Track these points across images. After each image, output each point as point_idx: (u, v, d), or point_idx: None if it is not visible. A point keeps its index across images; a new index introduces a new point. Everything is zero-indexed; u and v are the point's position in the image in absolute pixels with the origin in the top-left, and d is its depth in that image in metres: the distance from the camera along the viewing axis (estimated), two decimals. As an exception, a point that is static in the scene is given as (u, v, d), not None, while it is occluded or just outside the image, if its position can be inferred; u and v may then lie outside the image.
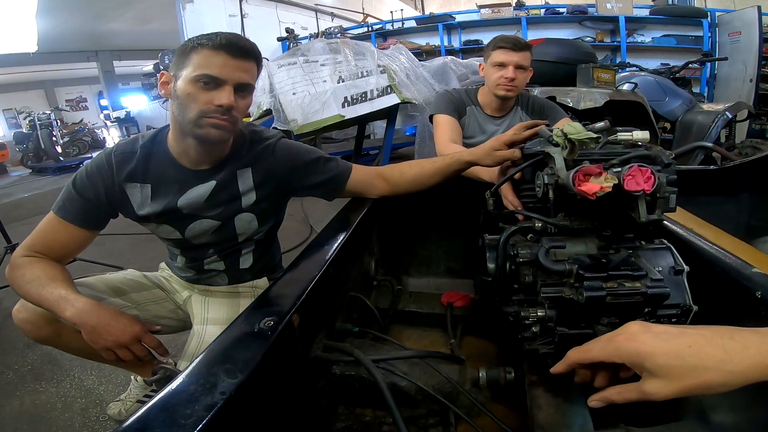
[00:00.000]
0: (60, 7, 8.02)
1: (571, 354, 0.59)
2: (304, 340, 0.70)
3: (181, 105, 0.97)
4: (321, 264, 0.81)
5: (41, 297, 0.97)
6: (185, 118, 0.98)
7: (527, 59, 1.75)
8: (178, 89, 0.97)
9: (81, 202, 1.07)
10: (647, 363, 0.47)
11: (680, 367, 0.45)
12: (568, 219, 0.76)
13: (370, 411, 0.94)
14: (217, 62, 0.94)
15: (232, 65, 0.96)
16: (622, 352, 0.50)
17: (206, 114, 0.96)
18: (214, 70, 0.94)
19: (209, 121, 0.97)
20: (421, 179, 1.20)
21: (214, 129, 0.98)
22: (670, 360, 0.45)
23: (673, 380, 0.45)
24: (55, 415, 1.60)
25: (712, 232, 0.92)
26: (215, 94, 0.95)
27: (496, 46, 1.75)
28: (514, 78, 1.72)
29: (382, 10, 9.87)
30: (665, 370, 0.46)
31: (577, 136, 0.68)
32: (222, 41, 0.94)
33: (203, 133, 0.98)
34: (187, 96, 0.96)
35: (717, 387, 0.44)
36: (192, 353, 1.16)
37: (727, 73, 6.01)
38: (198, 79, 0.94)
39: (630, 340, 0.50)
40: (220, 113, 0.96)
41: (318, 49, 3.42)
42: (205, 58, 0.94)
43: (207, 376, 0.48)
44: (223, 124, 0.98)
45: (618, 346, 0.51)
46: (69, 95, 14.38)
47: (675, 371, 0.45)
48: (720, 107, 3.33)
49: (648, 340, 0.48)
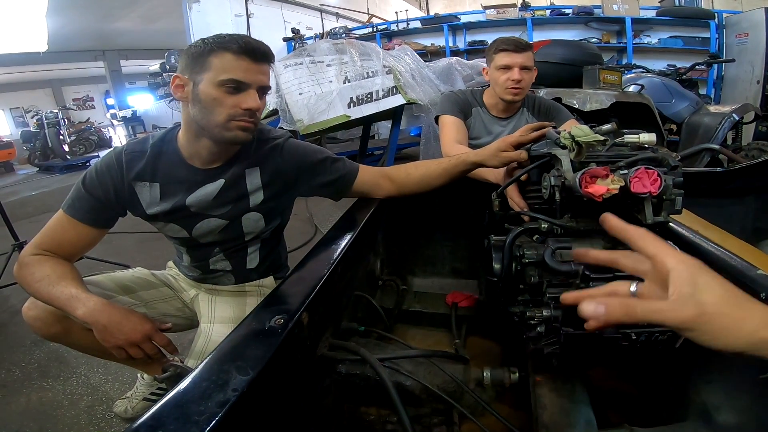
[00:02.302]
0: (69, 7, 8.09)
1: (612, 309, 0.45)
2: (312, 339, 0.70)
3: (206, 109, 0.99)
4: (329, 263, 0.81)
5: (51, 295, 0.98)
6: (211, 122, 0.99)
7: (530, 59, 1.75)
8: (201, 93, 0.98)
9: (90, 201, 1.08)
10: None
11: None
12: (574, 220, 0.76)
13: (374, 409, 0.95)
14: (242, 66, 0.97)
15: (255, 69, 0.99)
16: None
17: (234, 117, 0.99)
18: (239, 75, 0.96)
19: (238, 124, 0.99)
20: (427, 180, 1.20)
21: (242, 132, 1.01)
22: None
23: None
24: (61, 413, 1.61)
25: (717, 234, 0.93)
26: (242, 98, 0.98)
27: (498, 49, 1.75)
28: (521, 79, 1.72)
29: (387, 10, 9.88)
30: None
31: (585, 138, 0.68)
32: (245, 46, 0.96)
33: (232, 136, 1.01)
34: (213, 100, 0.97)
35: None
36: (199, 352, 1.17)
37: (734, 74, 5.97)
38: (224, 83, 0.96)
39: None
40: (248, 116, 0.99)
41: (324, 49, 3.43)
42: (228, 63, 0.96)
43: (219, 373, 0.49)
44: (251, 126, 1.01)
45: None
46: (76, 94, 14.48)
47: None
48: (727, 109, 3.32)
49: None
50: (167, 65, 9.14)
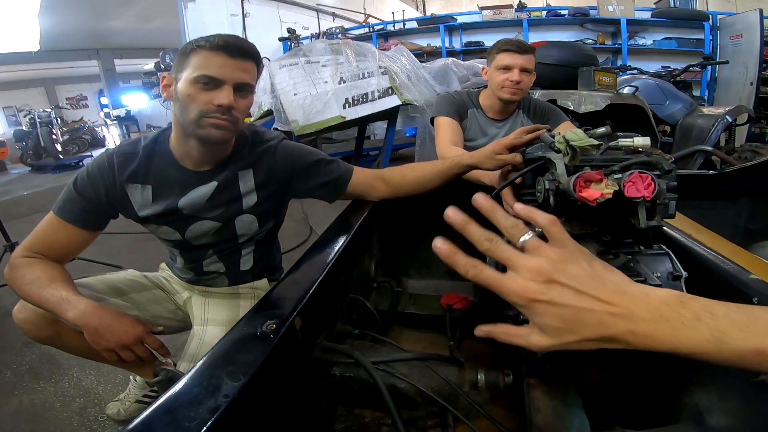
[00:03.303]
0: (62, 6, 8.03)
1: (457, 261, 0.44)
2: (305, 343, 0.70)
3: (182, 106, 0.98)
4: (323, 266, 0.81)
5: (42, 298, 0.97)
6: (186, 119, 0.98)
7: (532, 62, 1.74)
8: (178, 91, 0.98)
9: (81, 203, 1.07)
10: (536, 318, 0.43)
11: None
12: (568, 224, 0.76)
13: (368, 412, 0.94)
14: (216, 62, 0.95)
15: (231, 65, 0.97)
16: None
17: (206, 114, 0.97)
18: (213, 71, 0.95)
19: (210, 121, 0.97)
20: (421, 182, 1.20)
21: (215, 129, 0.98)
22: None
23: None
24: (53, 415, 1.59)
25: (710, 238, 0.93)
26: (215, 95, 0.96)
27: (500, 49, 1.75)
28: (520, 81, 1.71)
29: (384, 10, 9.87)
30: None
31: (579, 142, 0.68)
32: (219, 42, 0.95)
33: (204, 134, 0.99)
34: (187, 97, 0.96)
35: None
36: (192, 354, 1.16)
37: (727, 75, 6.02)
38: (197, 80, 0.95)
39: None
40: (220, 113, 0.97)
41: (319, 49, 3.42)
42: (203, 59, 0.95)
43: (210, 379, 0.49)
44: (224, 123, 0.99)
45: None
46: (69, 93, 14.37)
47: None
48: (720, 111, 3.34)
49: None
50: (162, 64, 9.10)
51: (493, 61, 1.77)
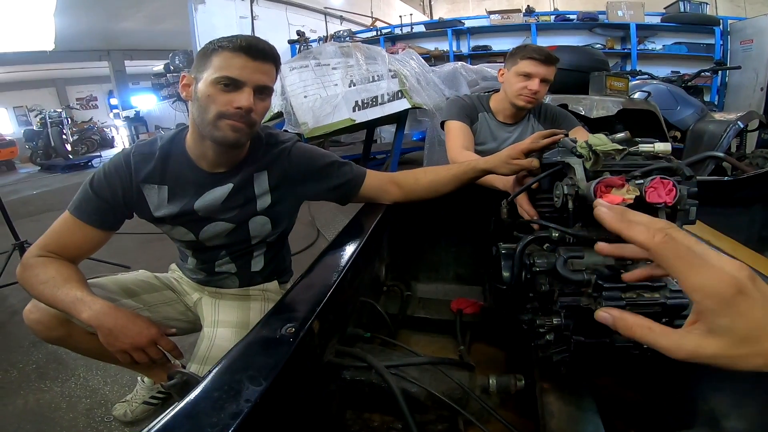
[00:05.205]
0: (77, 6, 8.11)
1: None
2: (320, 346, 0.70)
3: (201, 106, 0.98)
4: (339, 270, 0.81)
5: (56, 298, 0.97)
6: (204, 120, 0.98)
7: (552, 74, 1.71)
8: (198, 91, 0.98)
9: (97, 203, 1.07)
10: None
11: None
12: (585, 229, 0.76)
13: (377, 416, 0.94)
14: (237, 64, 0.95)
15: (252, 67, 0.96)
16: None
17: (224, 115, 0.96)
18: (234, 72, 0.95)
19: (227, 123, 0.97)
20: (436, 186, 1.19)
21: (231, 131, 0.98)
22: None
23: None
24: (59, 415, 1.59)
25: (729, 245, 0.92)
26: (235, 96, 0.95)
27: (526, 55, 1.69)
28: (538, 90, 1.68)
29: (391, 14, 9.90)
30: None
31: (603, 147, 0.68)
32: (242, 43, 0.95)
33: (220, 135, 0.98)
34: (207, 98, 0.96)
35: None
36: (203, 356, 1.16)
37: (738, 81, 5.98)
38: (218, 81, 0.95)
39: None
40: (238, 115, 0.97)
41: (330, 52, 3.42)
42: (225, 60, 0.95)
43: (231, 383, 0.48)
44: (241, 126, 0.98)
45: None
46: (79, 94, 14.50)
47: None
48: (732, 116, 3.31)
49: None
50: (171, 66, 9.18)
51: (515, 65, 1.71)
